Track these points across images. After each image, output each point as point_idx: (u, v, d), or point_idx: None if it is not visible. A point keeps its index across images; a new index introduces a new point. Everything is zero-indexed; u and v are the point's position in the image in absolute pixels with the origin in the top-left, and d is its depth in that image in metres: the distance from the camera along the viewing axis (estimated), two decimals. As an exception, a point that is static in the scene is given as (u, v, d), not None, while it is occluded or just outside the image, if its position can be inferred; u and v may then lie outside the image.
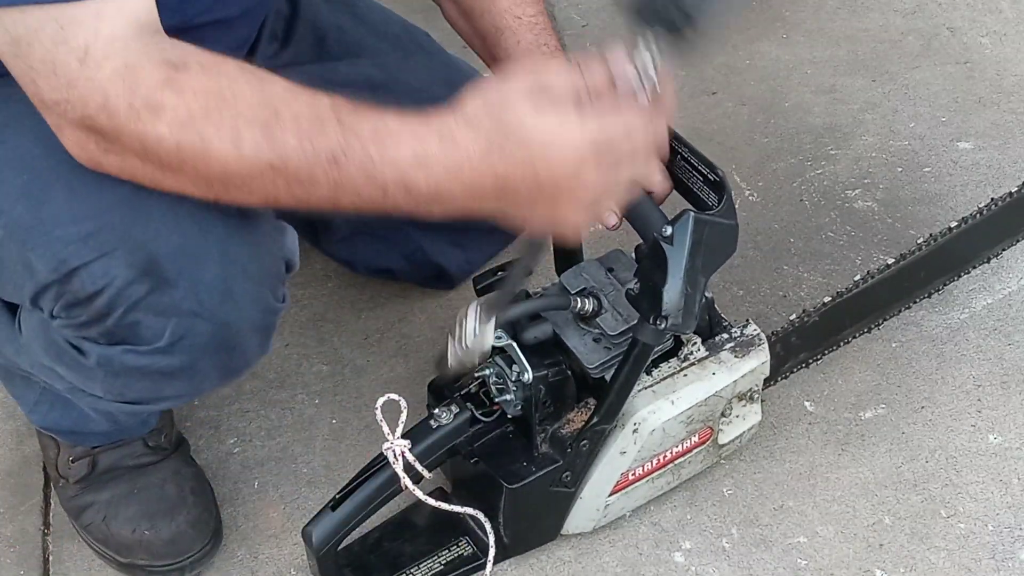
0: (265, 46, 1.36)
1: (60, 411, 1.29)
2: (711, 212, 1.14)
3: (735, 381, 1.28)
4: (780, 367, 1.39)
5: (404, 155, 0.92)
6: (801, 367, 1.43)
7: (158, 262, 1.01)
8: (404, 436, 1.18)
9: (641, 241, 1.18)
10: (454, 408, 1.23)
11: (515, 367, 1.20)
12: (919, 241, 1.44)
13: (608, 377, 1.21)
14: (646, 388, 1.25)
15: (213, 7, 1.11)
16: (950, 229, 1.45)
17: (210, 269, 1.03)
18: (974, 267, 1.55)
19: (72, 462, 1.33)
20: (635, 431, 1.25)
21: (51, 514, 1.40)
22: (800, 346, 1.40)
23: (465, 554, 1.31)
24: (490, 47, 1.28)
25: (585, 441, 1.23)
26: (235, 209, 1.02)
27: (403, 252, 1.53)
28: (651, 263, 1.12)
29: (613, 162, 0.93)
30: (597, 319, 1.22)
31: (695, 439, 1.31)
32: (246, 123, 0.91)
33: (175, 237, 1.02)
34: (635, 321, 1.17)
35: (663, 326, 1.12)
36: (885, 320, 1.49)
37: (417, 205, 0.95)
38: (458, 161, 0.93)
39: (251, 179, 0.94)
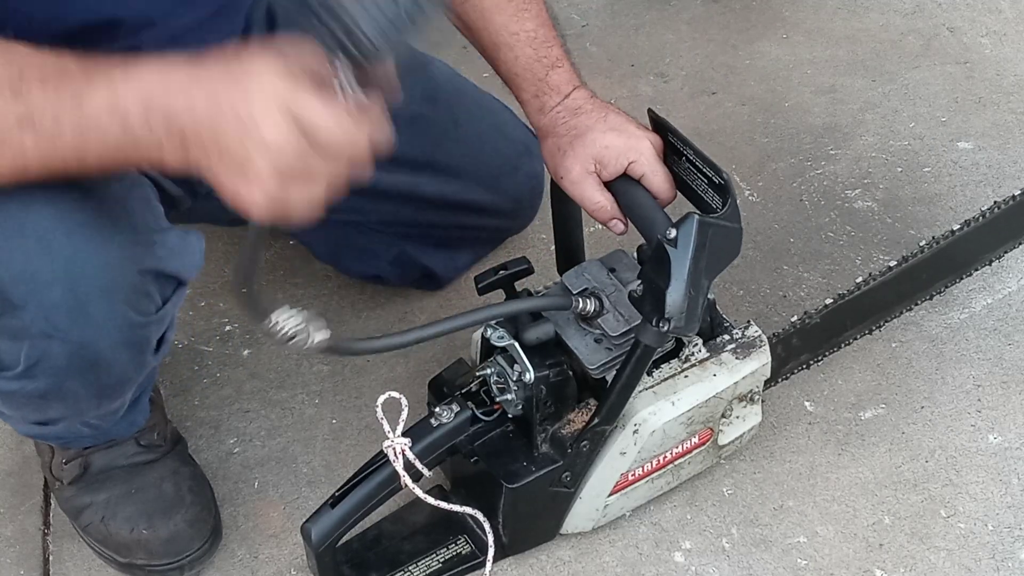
0: None
1: (40, 428, 1.28)
2: (715, 215, 1.14)
3: (736, 383, 1.28)
4: (781, 368, 1.39)
5: (148, 77, 0.92)
6: (801, 368, 1.43)
7: (3, 285, 1.00)
8: (404, 434, 1.18)
9: (643, 241, 1.18)
10: (455, 407, 1.23)
11: (516, 367, 1.20)
12: (921, 244, 1.44)
13: (609, 378, 1.21)
14: (647, 389, 1.25)
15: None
16: (952, 232, 1.45)
17: (56, 289, 1.01)
18: (976, 269, 1.55)
19: (65, 464, 1.33)
20: (635, 432, 1.25)
21: (51, 514, 1.40)
22: (801, 347, 1.40)
23: (464, 553, 1.31)
24: (491, 61, 1.29)
25: (585, 441, 1.23)
26: (83, 224, 1.02)
27: (387, 258, 1.54)
28: (654, 265, 1.12)
29: (309, 142, 0.91)
30: (599, 320, 1.22)
31: (695, 440, 1.31)
32: None
33: (18, 258, 1.00)
34: (637, 322, 1.17)
35: (665, 328, 1.12)
36: (886, 321, 1.49)
37: (152, 138, 0.93)
38: (194, 75, 0.92)
39: (3, 144, 0.93)
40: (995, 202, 1.46)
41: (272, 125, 0.89)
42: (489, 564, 1.28)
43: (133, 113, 0.92)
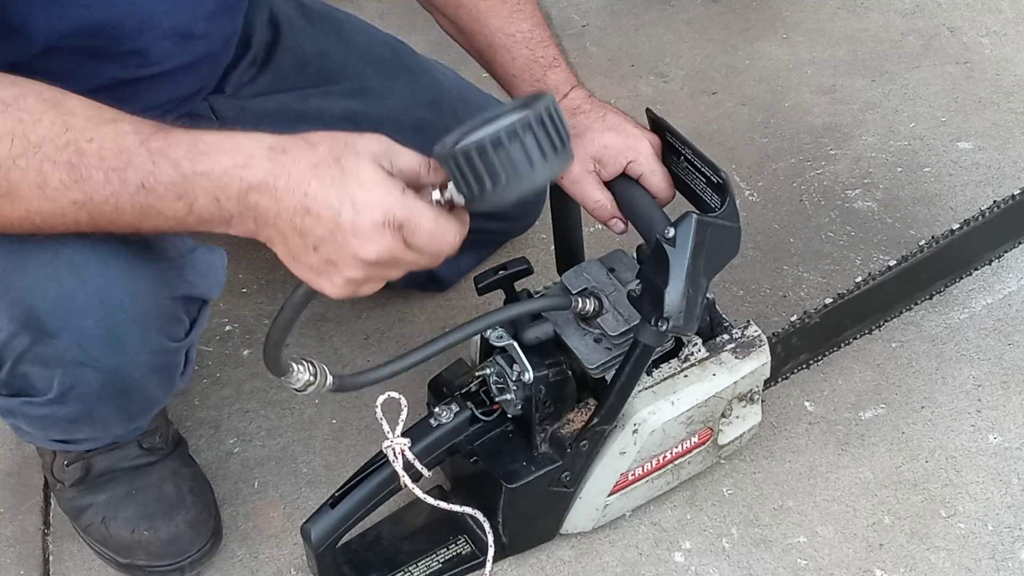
0: (243, 71, 1.36)
1: (43, 436, 1.28)
2: (714, 214, 1.14)
3: (735, 382, 1.28)
4: (781, 368, 1.39)
5: (223, 164, 0.91)
6: (801, 368, 1.43)
7: (38, 314, 1.01)
8: (404, 434, 1.18)
9: (643, 241, 1.18)
10: (454, 407, 1.23)
11: (516, 367, 1.20)
12: (921, 243, 1.44)
13: (609, 377, 1.21)
14: (646, 389, 1.25)
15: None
16: (952, 232, 1.45)
17: (91, 318, 1.02)
18: (975, 269, 1.55)
19: (67, 466, 1.33)
20: (635, 432, 1.25)
21: (51, 514, 1.40)
22: (801, 347, 1.40)
23: (464, 553, 1.31)
24: (487, 64, 1.29)
25: (585, 441, 1.23)
26: (115, 254, 1.02)
27: None
28: (653, 264, 1.12)
29: (405, 242, 0.91)
30: (598, 319, 1.22)
31: (695, 440, 1.31)
32: (52, 165, 0.90)
33: (53, 287, 1.01)
34: (636, 322, 1.17)
35: (664, 328, 1.12)
36: (885, 321, 1.49)
37: (221, 214, 0.92)
38: (283, 166, 0.90)
39: (55, 216, 0.93)
40: (994, 201, 1.46)
41: (375, 242, 0.89)
42: (489, 564, 1.28)
43: (202, 198, 0.91)
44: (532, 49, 1.24)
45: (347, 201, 0.88)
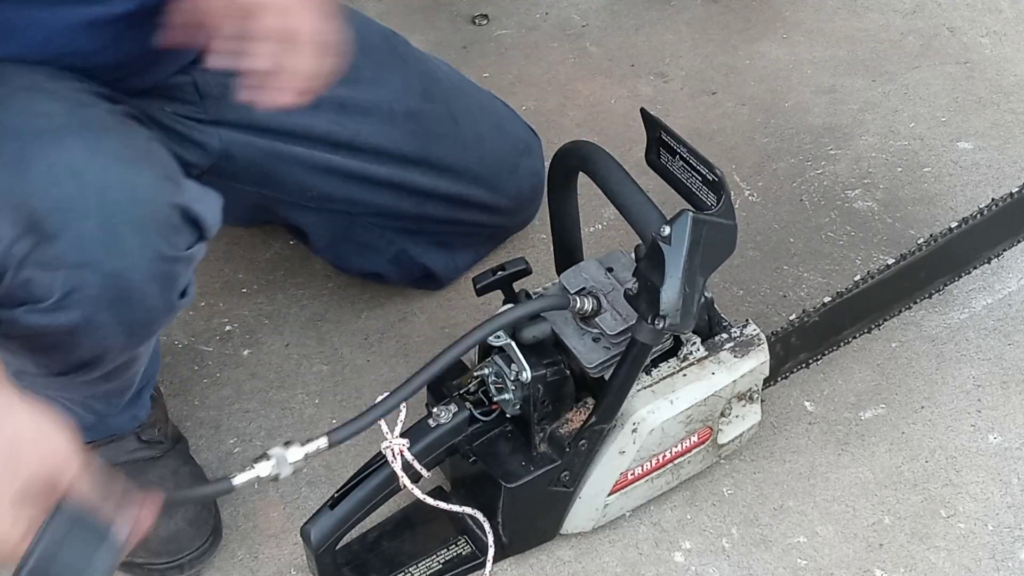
0: None
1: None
2: (709, 212, 1.14)
3: (734, 381, 1.28)
4: (780, 367, 1.39)
5: None
6: (801, 367, 1.43)
7: (38, 217, 1.02)
8: (403, 435, 1.19)
9: (640, 241, 1.18)
10: (453, 407, 1.23)
11: (514, 366, 1.20)
12: (919, 241, 1.44)
13: (607, 377, 1.21)
14: (645, 388, 1.25)
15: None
16: (950, 229, 1.45)
17: (91, 219, 1.04)
18: (975, 267, 1.55)
19: None
20: (634, 431, 1.25)
21: (51, 514, 1.40)
22: (800, 346, 1.40)
23: (464, 553, 1.31)
24: None
25: (584, 440, 1.23)
26: (115, 159, 1.04)
27: (387, 256, 1.53)
28: (649, 263, 1.12)
29: None
30: (596, 319, 1.22)
31: (694, 439, 1.31)
32: None
33: (53, 190, 1.03)
34: (634, 321, 1.17)
35: (661, 326, 1.12)
36: (885, 320, 1.49)
37: None
38: None
39: None
40: (993, 199, 1.46)
41: None
42: (489, 564, 1.28)
43: None
44: None
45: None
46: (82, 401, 1.27)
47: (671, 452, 1.30)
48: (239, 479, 1.07)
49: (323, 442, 1.10)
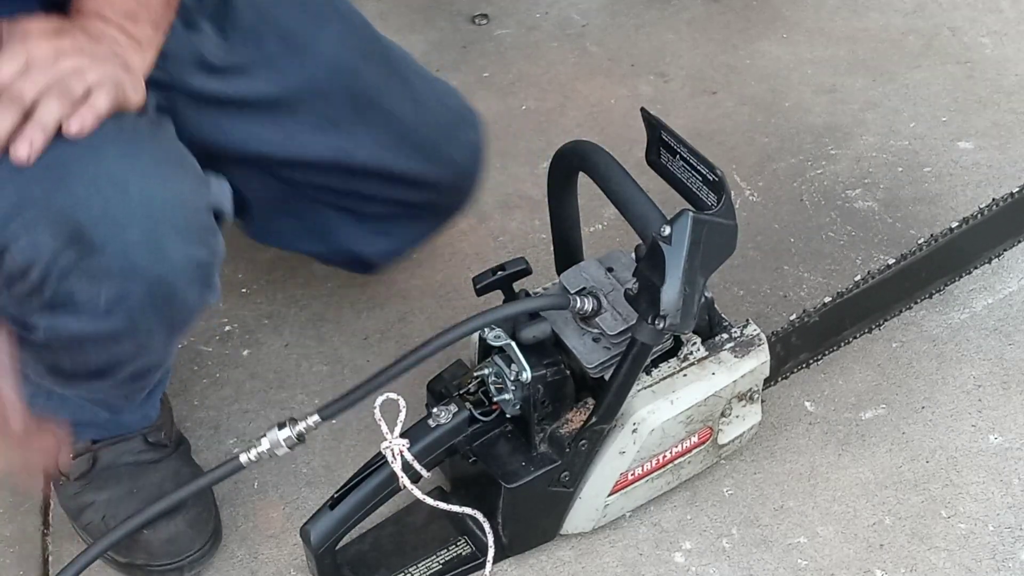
0: None
1: (56, 404, 1.29)
2: (710, 212, 1.14)
3: (735, 381, 1.28)
4: (780, 367, 1.38)
5: None
6: (801, 367, 1.43)
7: (83, 229, 1.03)
8: (403, 435, 1.18)
9: (640, 241, 1.18)
10: (453, 407, 1.23)
11: (514, 366, 1.20)
12: (920, 241, 1.44)
13: (607, 377, 1.21)
14: (645, 388, 1.25)
15: None
16: (951, 229, 1.45)
17: (136, 229, 1.04)
18: (975, 267, 1.55)
19: (73, 459, 1.33)
20: (634, 431, 1.25)
21: (51, 514, 1.40)
22: (800, 346, 1.40)
23: (464, 554, 1.30)
24: None
25: (584, 441, 1.23)
26: (154, 166, 1.06)
27: (321, 237, 1.47)
28: (649, 262, 1.12)
29: None
30: (597, 319, 1.22)
31: (695, 439, 1.31)
32: None
33: (96, 201, 1.03)
34: (634, 321, 1.17)
35: (661, 326, 1.12)
36: (886, 320, 1.49)
37: None
38: None
39: None
40: (993, 199, 1.46)
41: None
42: (489, 565, 1.28)
43: None
44: None
45: None
46: (102, 399, 1.27)
47: (671, 452, 1.30)
48: (244, 457, 1.14)
49: (315, 418, 1.14)
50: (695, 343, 1.28)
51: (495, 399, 1.23)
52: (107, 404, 1.29)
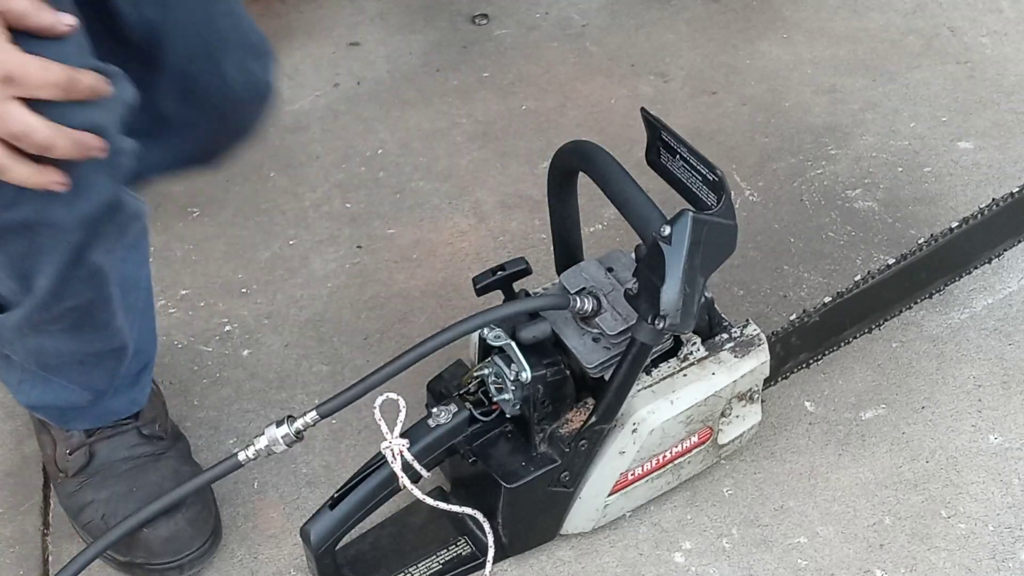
0: None
1: (42, 387, 1.29)
2: (710, 212, 1.14)
3: (735, 381, 1.28)
4: (780, 367, 1.39)
5: None
6: (801, 367, 1.43)
7: None
8: (403, 435, 1.18)
9: (640, 241, 1.18)
10: (452, 407, 1.23)
11: (513, 366, 1.20)
12: (920, 241, 1.44)
13: (607, 377, 1.21)
14: (645, 388, 1.25)
15: None
16: (951, 229, 1.45)
17: None
18: (975, 267, 1.55)
19: (70, 455, 1.34)
20: (634, 431, 1.25)
21: (51, 514, 1.41)
22: (800, 346, 1.40)
23: (464, 554, 1.30)
24: None
25: (584, 441, 1.23)
26: None
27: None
28: (649, 262, 1.12)
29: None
30: (596, 319, 1.22)
31: (695, 439, 1.31)
32: None
33: None
34: (634, 321, 1.17)
35: (661, 326, 1.12)
36: (886, 320, 1.49)
37: None
38: None
39: None
40: (993, 199, 1.46)
41: None
42: (489, 565, 1.28)
43: None
44: None
45: None
46: (78, 367, 1.24)
47: (671, 452, 1.30)
48: (242, 454, 1.16)
49: (313, 415, 1.16)
50: (695, 343, 1.28)
51: (495, 399, 1.23)
52: (91, 387, 1.28)
